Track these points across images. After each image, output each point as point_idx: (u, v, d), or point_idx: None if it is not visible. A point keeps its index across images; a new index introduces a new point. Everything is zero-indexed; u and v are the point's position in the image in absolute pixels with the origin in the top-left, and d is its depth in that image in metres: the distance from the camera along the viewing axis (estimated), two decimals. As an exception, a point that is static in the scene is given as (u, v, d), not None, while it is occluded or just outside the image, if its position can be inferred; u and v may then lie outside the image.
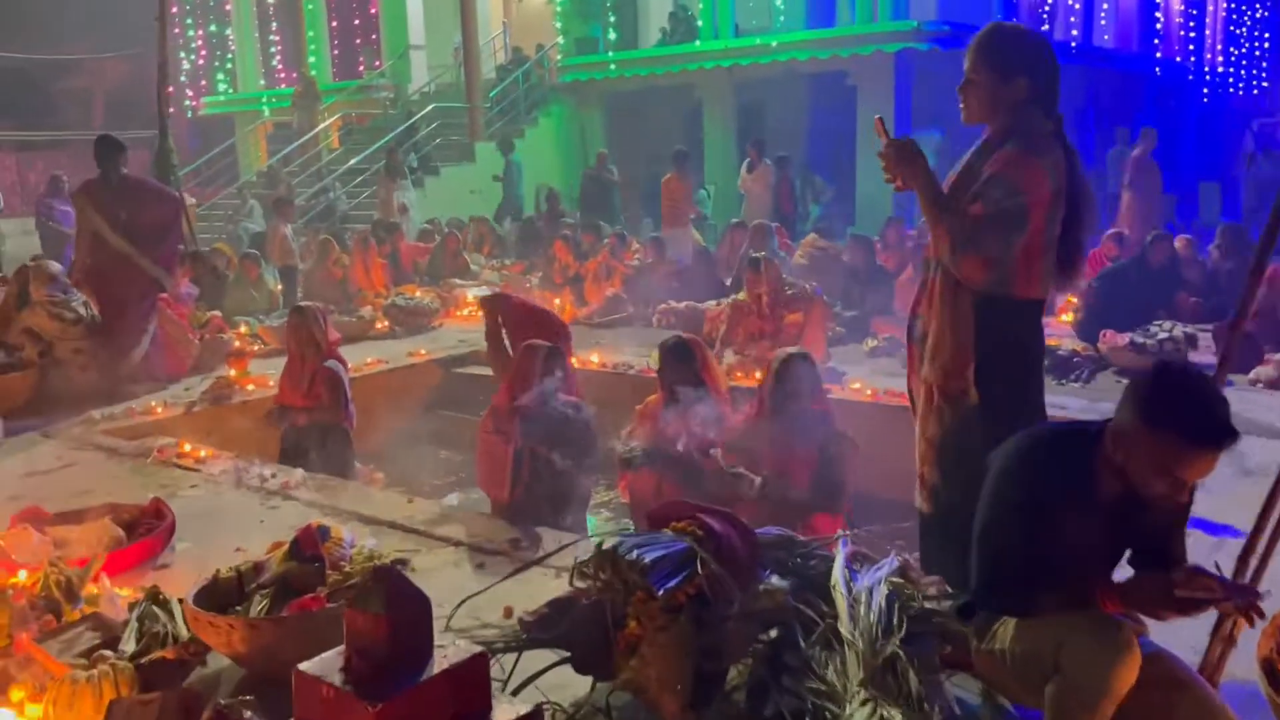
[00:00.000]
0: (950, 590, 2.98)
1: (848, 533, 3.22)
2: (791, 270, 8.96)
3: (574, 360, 7.43)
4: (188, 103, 23.50)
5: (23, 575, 3.39)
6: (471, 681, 2.24)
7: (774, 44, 15.31)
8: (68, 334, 6.71)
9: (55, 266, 7.08)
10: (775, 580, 2.74)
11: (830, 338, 7.50)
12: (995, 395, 2.87)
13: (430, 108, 16.86)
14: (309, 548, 3.18)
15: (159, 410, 6.35)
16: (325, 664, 2.24)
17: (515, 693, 2.67)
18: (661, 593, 2.35)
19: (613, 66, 17.11)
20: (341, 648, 2.25)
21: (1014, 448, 2.40)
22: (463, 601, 2.82)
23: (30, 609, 3.18)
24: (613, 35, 17.68)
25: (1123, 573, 2.39)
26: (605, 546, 2.44)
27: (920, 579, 3.08)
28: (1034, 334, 3.00)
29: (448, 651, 2.27)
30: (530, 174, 16.06)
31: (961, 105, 2.98)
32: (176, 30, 22.78)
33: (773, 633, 2.76)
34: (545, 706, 2.67)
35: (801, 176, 13.76)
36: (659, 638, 2.48)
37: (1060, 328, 7.61)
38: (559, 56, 17.88)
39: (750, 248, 8.94)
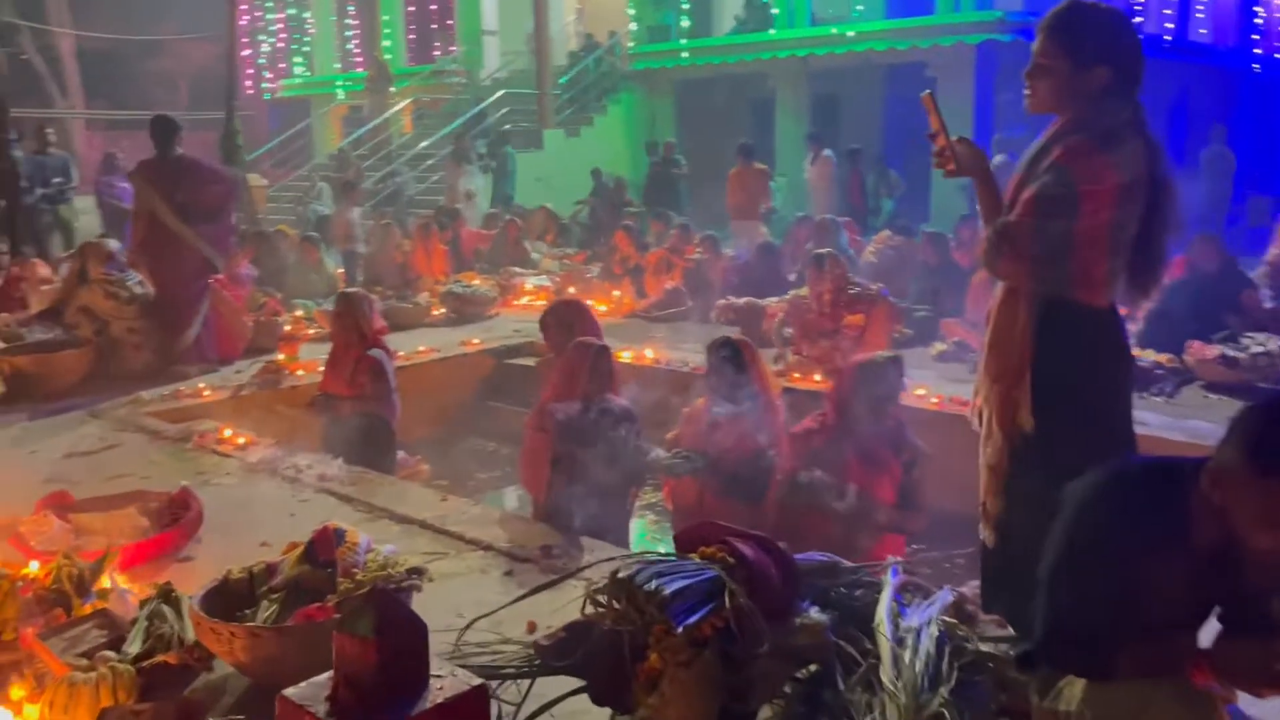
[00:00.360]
0: (1012, 630, 2.71)
1: (899, 560, 2.95)
2: (860, 268, 8.64)
3: (628, 355, 7.25)
4: (266, 85, 23.82)
5: (34, 566, 3.29)
6: (467, 716, 2.04)
7: (850, 34, 14.88)
8: (122, 313, 6.70)
9: (113, 244, 7.08)
10: (814, 613, 2.49)
11: (896, 340, 7.18)
12: (1058, 419, 2.56)
13: (500, 93, 16.78)
14: (324, 551, 3.01)
15: (206, 393, 6.31)
16: (312, 690, 2.06)
17: (525, 723, 2.47)
18: (681, 629, 2.12)
19: (684, 54, 16.84)
20: (332, 672, 2.07)
21: (1095, 483, 2.11)
22: (473, 621, 2.62)
23: (38, 603, 3.07)
24: (686, 23, 17.40)
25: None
26: (621, 574, 2.22)
27: (977, 615, 2.81)
28: (1107, 348, 2.64)
29: (444, 682, 2.08)
30: (598, 162, 15.90)
31: (1027, 92, 2.67)
32: (257, 13, 23.15)
33: (812, 667, 2.53)
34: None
35: (875, 171, 13.36)
36: (680, 674, 2.25)
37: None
38: (631, 44, 17.66)
39: (815, 243, 8.63)
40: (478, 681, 2.10)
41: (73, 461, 5.03)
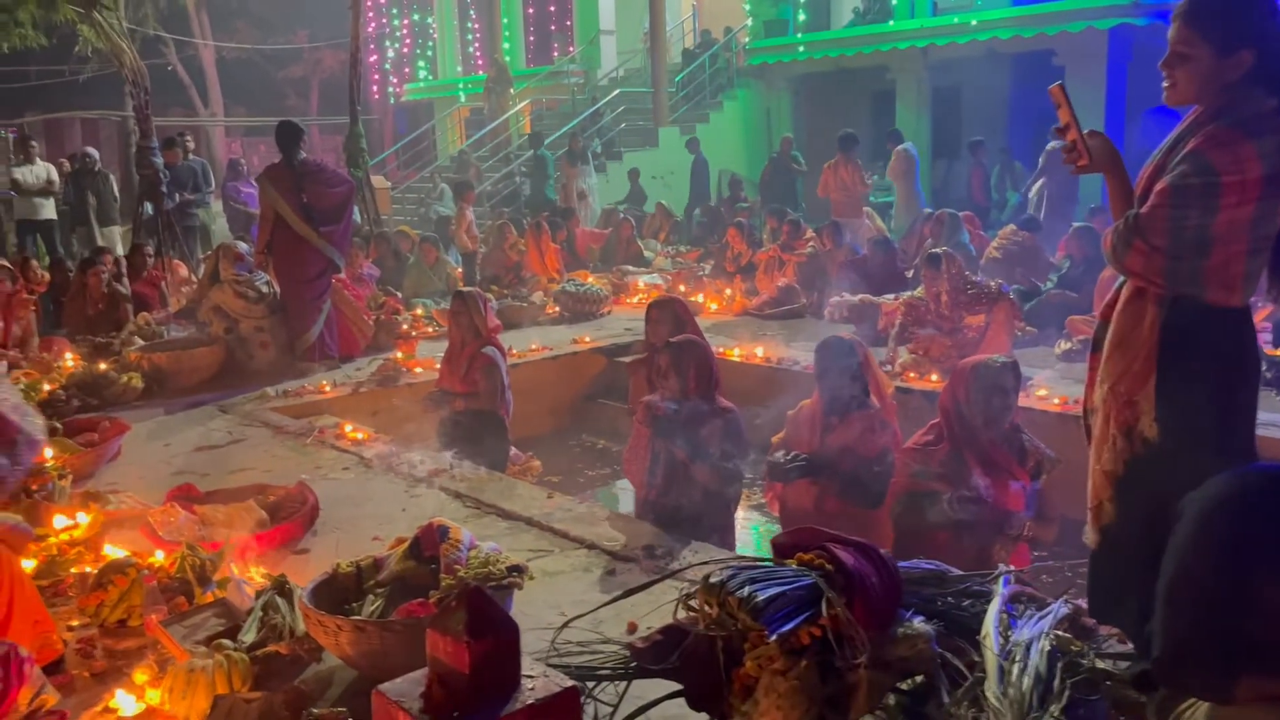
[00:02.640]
0: (1129, 645, 2.57)
1: (1012, 569, 2.83)
2: (979, 266, 8.36)
3: (738, 353, 7.19)
4: (391, 89, 24.57)
5: (160, 556, 3.45)
6: (559, 719, 2.04)
7: (974, 22, 14.42)
8: (251, 312, 6.98)
9: (242, 246, 7.39)
10: (918, 624, 2.40)
11: (1019, 338, 6.93)
12: (1184, 426, 2.40)
13: (616, 92, 16.87)
14: (428, 547, 3.07)
15: (328, 389, 6.51)
16: (407, 686, 2.09)
17: (620, 726, 2.46)
18: (774, 637, 2.08)
19: (801, 49, 16.61)
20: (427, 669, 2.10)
21: (1219, 492, 1.96)
22: (569, 621, 2.62)
23: (162, 591, 3.21)
24: (803, 16, 17.16)
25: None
26: (713, 580, 2.18)
27: (1096, 630, 2.68)
28: (1239, 352, 2.46)
29: (536, 683, 2.08)
30: (713, 159, 15.85)
31: (1165, 84, 2.51)
32: (383, 20, 23.87)
33: (918, 679, 2.44)
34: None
35: (1000, 163, 12.95)
36: (776, 682, 2.20)
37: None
38: (747, 39, 17.53)
39: (933, 239, 8.39)
40: (569, 683, 2.09)
41: (201, 455, 5.25)
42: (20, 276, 8.20)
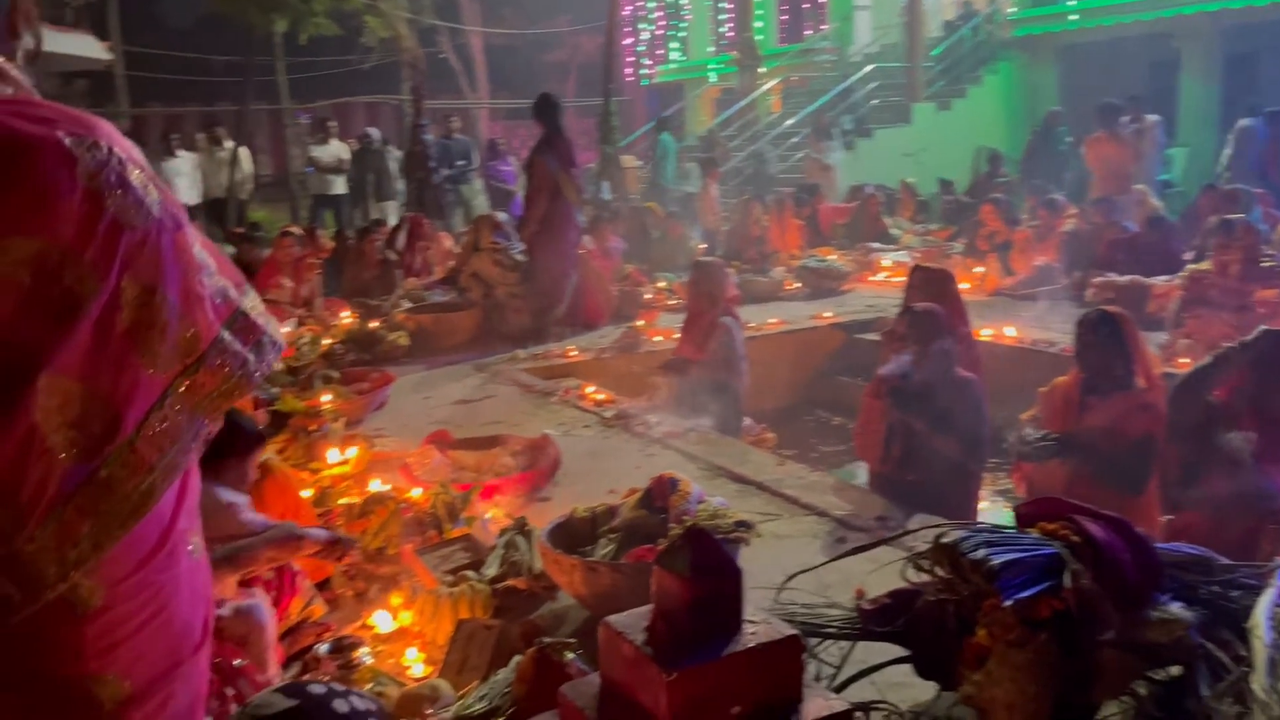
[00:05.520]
0: None
1: (1291, 562, 2.55)
2: (1274, 244, 7.56)
3: (988, 333, 6.86)
4: (644, 71, 25.08)
5: (417, 493, 3.71)
6: (779, 666, 2.03)
7: (1278, -20, 13.00)
8: (506, 279, 7.35)
9: (501, 216, 7.80)
10: (1176, 608, 2.22)
11: (1316, 323, 6.21)
12: None
13: (869, 68, 16.46)
14: (659, 498, 3.14)
15: (573, 353, 6.79)
16: (633, 620, 2.14)
17: (844, 686, 2.42)
18: (1010, 603, 1.97)
19: (1073, 17, 15.55)
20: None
21: None
22: (795, 575, 2.60)
23: (416, 524, 3.46)
24: (1075, -17, 16.07)
25: None
26: (946, 540, 2.10)
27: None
28: None
29: (759, 629, 2.07)
30: (972, 135, 15.13)
31: None
32: (639, 2, 24.39)
33: (1173, 670, 2.26)
34: (879, 706, 2.41)
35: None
36: (1011, 655, 2.10)
37: None
38: (1012, 9, 16.62)
39: (1218, 215, 7.65)
40: (791, 632, 2.07)
41: (458, 407, 5.62)
42: (309, 243, 9.02)
